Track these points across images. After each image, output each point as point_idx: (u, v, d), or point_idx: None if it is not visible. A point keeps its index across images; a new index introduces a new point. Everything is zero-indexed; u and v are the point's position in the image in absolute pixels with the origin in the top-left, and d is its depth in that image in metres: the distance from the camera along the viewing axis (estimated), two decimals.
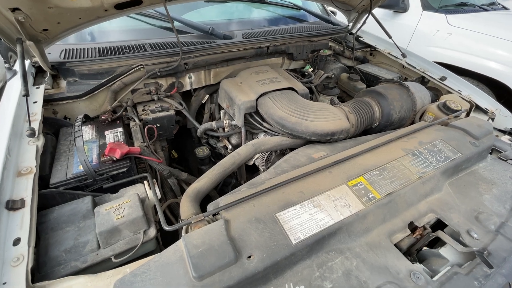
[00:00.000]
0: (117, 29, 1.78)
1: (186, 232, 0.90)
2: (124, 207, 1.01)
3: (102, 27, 1.77)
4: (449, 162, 1.19)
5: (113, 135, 1.33)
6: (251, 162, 1.59)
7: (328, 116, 1.43)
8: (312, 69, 2.20)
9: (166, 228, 0.86)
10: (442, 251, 0.97)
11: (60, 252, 0.90)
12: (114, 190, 1.15)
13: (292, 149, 1.68)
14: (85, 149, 1.23)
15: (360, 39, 2.46)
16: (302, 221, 0.89)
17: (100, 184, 1.14)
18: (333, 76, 2.19)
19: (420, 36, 3.96)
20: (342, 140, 1.47)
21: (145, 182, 1.13)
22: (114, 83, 1.54)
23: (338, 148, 1.43)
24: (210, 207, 1.05)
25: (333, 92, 1.91)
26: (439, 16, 3.81)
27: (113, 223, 0.94)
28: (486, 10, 4.17)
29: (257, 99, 1.55)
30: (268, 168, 1.73)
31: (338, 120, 1.42)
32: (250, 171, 1.88)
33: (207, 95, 1.91)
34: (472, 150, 1.26)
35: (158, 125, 1.62)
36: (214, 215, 1.02)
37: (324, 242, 0.88)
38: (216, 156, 1.88)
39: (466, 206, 1.09)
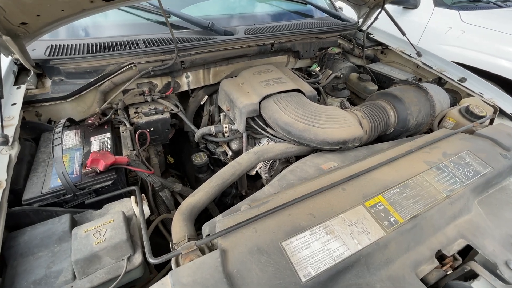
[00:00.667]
0: (108, 24, 1.64)
1: (176, 263, 0.76)
2: (106, 229, 0.87)
3: (91, 21, 1.63)
4: (479, 177, 1.04)
5: (99, 142, 1.19)
6: (253, 172, 1.46)
7: (339, 122, 1.28)
8: (319, 68, 2.05)
9: (152, 261, 0.72)
10: (476, 285, 0.83)
11: (28, 284, 0.77)
12: (98, 205, 1.02)
13: (298, 157, 1.54)
14: (67, 158, 1.10)
15: (371, 36, 2.30)
16: (313, 252, 0.75)
17: (81, 199, 1.00)
18: (341, 76, 2.04)
19: (431, 34, 3.78)
20: (354, 148, 1.33)
21: (132, 198, 0.99)
22: (103, 83, 1.40)
23: (350, 157, 1.28)
24: (206, 228, 0.92)
25: (342, 94, 1.75)
26: (452, 13, 3.62)
27: (92, 249, 0.81)
28: (500, 6, 3.98)
29: (260, 102, 1.41)
30: (271, 176, 1.60)
31: (351, 127, 1.27)
32: (251, 178, 1.74)
33: (206, 96, 1.77)
34: (504, 164, 1.11)
35: (152, 129, 1.48)
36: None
37: (339, 278, 0.74)
38: (215, 162, 1.74)
39: (501, 230, 0.94)
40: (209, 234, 0.88)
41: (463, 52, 3.44)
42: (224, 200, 1.49)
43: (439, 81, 1.95)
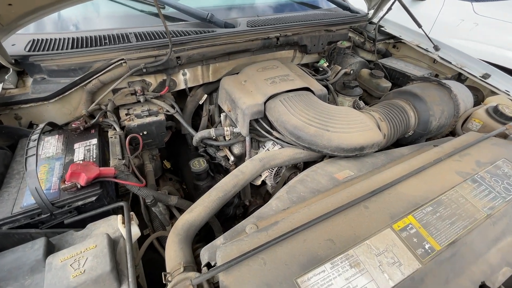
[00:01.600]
0: (96, 16, 1.48)
1: None
2: (86, 257, 0.74)
3: (77, 13, 1.48)
4: None
5: (84, 149, 1.05)
6: (259, 182, 1.32)
7: (356, 125, 1.13)
8: (327, 63, 1.89)
9: None
10: None
11: None
12: (81, 223, 0.89)
13: (306, 162, 1.40)
14: (45, 169, 0.96)
15: (382, 29, 2.14)
16: None
17: (60, 219, 0.87)
18: (351, 72, 1.89)
19: (441, 27, 3.60)
20: (370, 155, 1.18)
21: (119, 217, 0.85)
22: (89, 82, 1.25)
23: (367, 165, 1.14)
24: (205, 254, 0.78)
25: (355, 92, 1.60)
26: (464, 4, 3.44)
27: (68, 284, 0.68)
28: None
29: (265, 103, 1.26)
30: (277, 183, 1.46)
31: (369, 130, 1.12)
32: (255, 184, 1.61)
33: (205, 95, 1.62)
34: None
35: (145, 132, 1.34)
36: (208, 266, 0.76)
37: None
38: (215, 168, 1.60)
39: None
40: (208, 264, 0.75)
41: (476, 46, 3.27)
42: (226, 211, 1.35)
43: (459, 78, 1.79)
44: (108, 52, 1.26)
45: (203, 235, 1.33)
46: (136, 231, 0.86)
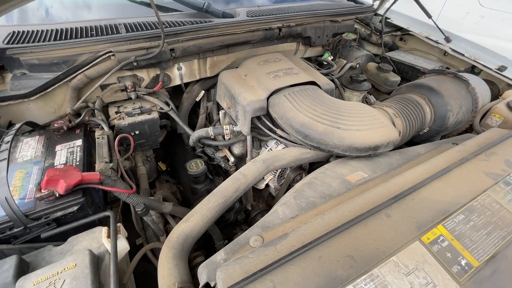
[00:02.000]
0: (82, 5, 1.36)
1: None
2: (64, 279, 0.63)
3: (62, 3, 1.36)
4: None
5: (66, 152, 0.94)
6: (262, 185, 1.21)
7: (369, 122, 1.03)
8: (332, 57, 1.78)
9: None
10: None
11: None
12: (63, 236, 0.78)
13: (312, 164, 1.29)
14: (21, 175, 0.85)
15: (388, 20, 2.03)
16: None
17: (36, 233, 0.75)
18: (357, 66, 1.78)
19: (445, 21, 3.48)
20: (384, 154, 1.08)
21: (104, 230, 0.74)
22: (74, 77, 1.14)
23: (381, 165, 1.04)
24: (203, 272, 0.67)
25: (363, 86, 1.50)
26: None
27: None
28: None
29: (268, 98, 1.15)
30: (281, 185, 1.35)
31: (383, 128, 1.02)
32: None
33: (203, 91, 1.51)
34: None
35: (137, 132, 1.22)
36: (207, 286, 0.65)
37: None
38: (214, 170, 1.49)
39: None
40: (207, 284, 0.64)
41: (482, 40, 3.16)
42: (226, 216, 1.25)
43: (472, 71, 1.69)
44: (95, 44, 1.14)
45: (202, 243, 1.22)
46: (123, 246, 0.75)
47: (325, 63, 1.75)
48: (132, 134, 1.21)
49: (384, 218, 0.70)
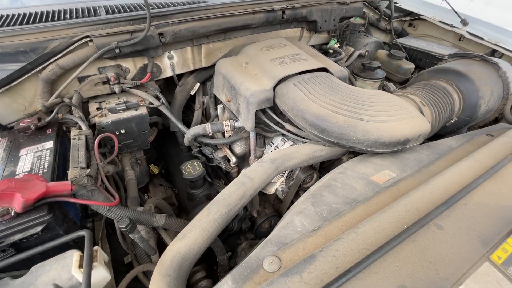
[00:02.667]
0: None
1: None
2: None
3: None
4: None
5: (33, 157, 0.77)
6: (272, 190, 1.05)
7: (396, 112, 0.87)
8: (338, 45, 1.62)
9: None
10: None
11: None
12: (27, 264, 0.61)
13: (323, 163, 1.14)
14: None
15: (397, 5, 1.88)
16: None
17: None
18: (366, 53, 1.63)
19: (448, 8, 3.37)
20: (410, 149, 0.92)
21: (76, 256, 0.57)
22: (45, 67, 0.96)
23: (410, 163, 0.89)
24: None
25: (377, 74, 1.35)
26: None
27: None
28: None
29: (274, 87, 0.99)
30: (289, 187, 1.20)
31: (413, 118, 0.86)
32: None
33: (198, 84, 1.34)
34: None
35: (123, 131, 1.05)
36: None
37: None
38: (213, 172, 1.33)
39: None
40: None
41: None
42: (229, 225, 1.08)
43: (492, 56, 1.55)
44: (68, 28, 0.97)
45: (202, 257, 1.06)
46: (102, 276, 0.58)
47: (331, 51, 1.59)
48: (117, 133, 1.04)
49: (435, 231, 0.55)
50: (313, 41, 1.63)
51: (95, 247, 0.60)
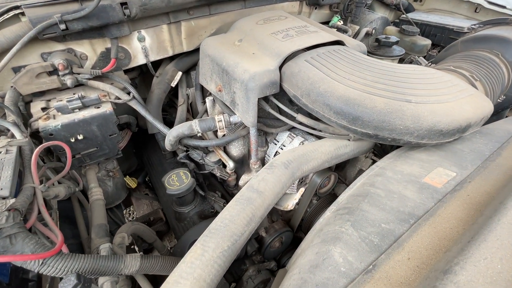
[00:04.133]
0: None
1: None
2: None
3: None
4: None
5: None
6: (289, 205, 0.81)
7: (448, 90, 0.65)
8: (341, 22, 1.40)
9: None
10: None
11: None
12: None
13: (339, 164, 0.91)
14: None
15: None
16: None
17: None
18: (374, 31, 1.41)
19: None
20: (458, 139, 0.70)
21: None
22: None
23: (466, 155, 0.67)
24: None
25: (395, 51, 1.13)
26: None
27: None
28: None
29: (280, 68, 0.75)
30: (301, 192, 0.96)
31: (471, 97, 0.64)
32: None
33: (180, 73, 1.08)
34: None
35: (80, 137, 0.78)
36: None
37: None
38: (205, 180, 1.08)
39: None
40: None
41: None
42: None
43: None
44: None
45: None
46: None
47: (334, 29, 1.36)
48: (72, 140, 0.77)
49: None
50: (313, 18, 1.39)
51: None
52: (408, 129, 0.59)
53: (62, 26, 0.72)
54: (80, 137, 0.78)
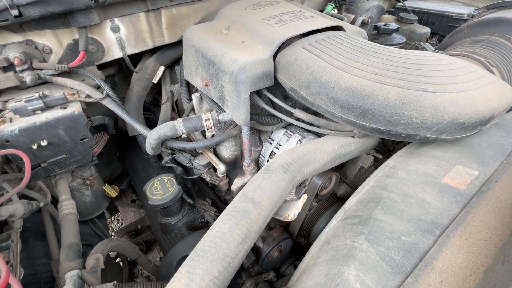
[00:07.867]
0: None
1: None
2: None
3: None
4: None
5: None
6: (291, 216, 0.71)
7: (466, 77, 0.57)
8: (336, 10, 1.31)
9: None
10: None
11: None
12: None
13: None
14: None
15: None
16: None
17: None
18: (370, 20, 1.33)
19: None
20: (475, 133, 0.63)
21: None
22: None
23: (487, 151, 0.60)
24: None
25: (395, 39, 1.05)
26: None
27: None
28: None
29: (274, 56, 0.66)
30: (299, 197, 0.87)
31: (492, 84, 0.57)
32: None
33: (162, 68, 0.97)
34: None
35: (44, 143, 0.67)
36: None
37: None
38: (195, 187, 0.98)
39: None
40: None
41: None
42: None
43: None
44: None
45: None
46: None
47: None
48: (34, 147, 0.66)
49: None
50: (306, 5, 1.30)
51: None
52: (426, 123, 0.51)
53: (14, 12, 0.61)
54: (44, 143, 0.67)
